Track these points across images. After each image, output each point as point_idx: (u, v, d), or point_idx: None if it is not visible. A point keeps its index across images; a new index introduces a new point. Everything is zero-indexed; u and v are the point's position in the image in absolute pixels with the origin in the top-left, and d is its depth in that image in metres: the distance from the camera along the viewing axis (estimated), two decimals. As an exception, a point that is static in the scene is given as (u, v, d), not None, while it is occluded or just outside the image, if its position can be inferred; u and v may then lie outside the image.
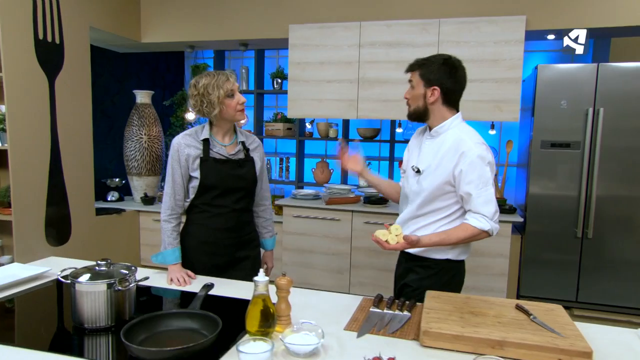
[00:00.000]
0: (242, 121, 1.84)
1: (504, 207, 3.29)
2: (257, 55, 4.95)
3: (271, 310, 1.27)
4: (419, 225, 1.73)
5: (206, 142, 1.82)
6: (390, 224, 1.60)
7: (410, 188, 1.76)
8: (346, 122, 4.64)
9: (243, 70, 4.92)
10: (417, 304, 1.58)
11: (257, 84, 4.87)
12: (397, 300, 1.58)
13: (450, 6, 3.27)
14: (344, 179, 4.90)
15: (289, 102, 3.67)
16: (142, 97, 4.30)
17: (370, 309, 1.51)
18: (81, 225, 3.47)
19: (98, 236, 3.68)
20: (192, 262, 1.89)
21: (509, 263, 3.19)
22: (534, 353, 1.19)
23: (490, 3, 3.19)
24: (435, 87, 1.66)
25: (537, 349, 1.20)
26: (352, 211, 3.49)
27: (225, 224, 1.89)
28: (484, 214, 1.60)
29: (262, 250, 2.15)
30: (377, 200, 3.55)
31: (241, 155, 1.89)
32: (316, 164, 4.62)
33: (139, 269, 1.90)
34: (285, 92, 4.72)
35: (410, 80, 1.72)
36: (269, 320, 1.26)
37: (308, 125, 4.39)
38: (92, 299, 1.31)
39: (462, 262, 1.78)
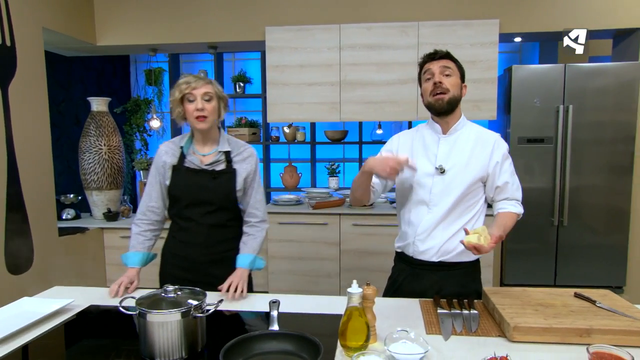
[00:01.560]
0: (200, 127, 1.71)
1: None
2: (216, 59, 4.78)
3: (367, 322, 1.22)
4: (456, 227, 1.66)
5: (183, 150, 1.79)
6: (464, 228, 1.53)
7: (430, 190, 1.66)
8: (313, 125, 4.62)
9: (202, 75, 4.71)
10: (474, 301, 1.60)
11: (217, 89, 4.68)
12: (454, 300, 1.59)
13: (428, 9, 3.38)
14: (314, 182, 4.88)
15: (268, 107, 3.57)
16: (99, 104, 3.96)
17: (439, 311, 1.51)
18: (44, 249, 3.11)
19: (62, 259, 3.32)
20: (165, 273, 1.86)
21: (493, 254, 3.35)
22: (621, 337, 1.25)
23: (466, 7, 3.34)
24: (465, 85, 1.69)
25: (623, 333, 1.26)
26: (340, 214, 3.47)
27: (194, 238, 1.80)
28: (517, 198, 1.70)
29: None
30: (364, 201, 3.57)
31: (220, 167, 1.79)
32: (284, 168, 4.54)
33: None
34: (249, 96, 4.61)
35: (448, 67, 1.63)
36: (368, 332, 1.21)
37: (286, 129, 4.31)
38: (167, 329, 1.17)
39: None
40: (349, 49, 3.42)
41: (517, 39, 3.58)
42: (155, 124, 4.04)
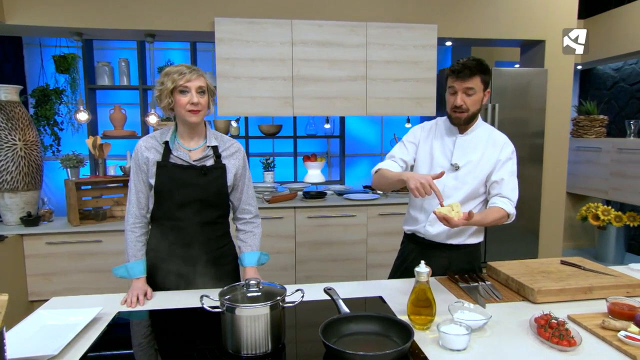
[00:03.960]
0: (192, 120, 1.65)
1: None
2: (139, 47, 4.46)
3: (433, 297, 1.34)
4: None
5: (167, 145, 1.69)
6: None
7: (444, 184, 1.80)
8: (246, 119, 4.57)
9: (123, 64, 4.39)
10: (481, 274, 1.83)
11: (141, 79, 4.39)
12: (466, 275, 1.79)
13: (375, 11, 3.58)
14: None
15: (218, 100, 3.46)
16: (8, 93, 3.45)
17: (461, 285, 1.69)
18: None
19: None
20: (155, 280, 1.73)
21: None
22: (614, 291, 1.56)
23: (409, 11, 3.61)
24: (489, 90, 1.79)
25: (614, 287, 1.57)
26: (295, 207, 3.53)
27: (188, 238, 1.71)
28: (511, 198, 1.78)
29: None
30: (316, 194, 3.67)
31: (209, 162, 1.72)
32: (218, 163, 4.43)
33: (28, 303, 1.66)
34: (177, 89, 4.39)
35: (471, 88, 1.71)
36: (435, 306, 1.33)
37: (234, 124, 4.19)
38: (256, 323, 1.16)
39: None
40: (301, 45, 3.47)
41: (448, 43, 3.98)
42: (82, 116, 3.64)
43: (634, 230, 4.56)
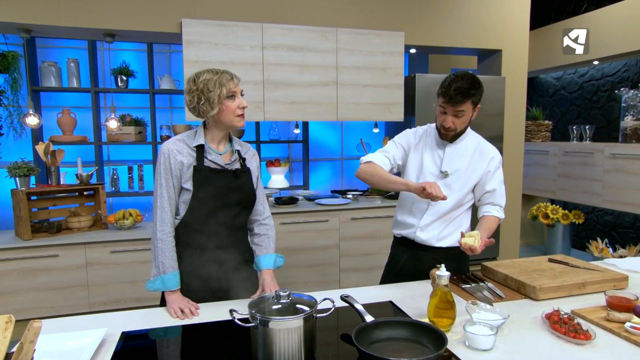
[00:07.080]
0: (241, 125, 1.68)
1: (390, 193, 3.87)
2: (91, 47, 4.19)
3: (453, 300, 1.36)
4: (449, 221, 1.90)
5: (200, 149, 1.65)
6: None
7: None
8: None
9: (72, 64, 4.10)
10: (477, 274, 1.88)
11: (93, 81, 4.13)
12: (463, 276, 1.84)
13: (345, 17, 3.60)
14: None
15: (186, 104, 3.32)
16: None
17: (463, 286, 1.73)
18: None
19: None
20: (184, 289, 1.68)
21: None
22: (602, 285, 1.67)
23: (377, 18, 3.67)
24: (479, 106, 1.84)
25: (603, 282, 1.68)
26: (268, 214, 3.45)
27: (224, 242, 1.69)
28: (501, 205, 1.89)
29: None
30: (289, 200, 3.63)
31: (237, 165, 1.73)
32: (178, 170, 4.26)
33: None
34: (131, 92, 4.18)
35: (461, 110, 1.76)
36: (455, 308, 1.35)
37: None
38: (289, 336, 1.11)
39: None
40: (271, 49, 3.42)
41: (413, 51, 4.09)
42: (32, 120, 3.34)
43: (576, 227, 4.93)
